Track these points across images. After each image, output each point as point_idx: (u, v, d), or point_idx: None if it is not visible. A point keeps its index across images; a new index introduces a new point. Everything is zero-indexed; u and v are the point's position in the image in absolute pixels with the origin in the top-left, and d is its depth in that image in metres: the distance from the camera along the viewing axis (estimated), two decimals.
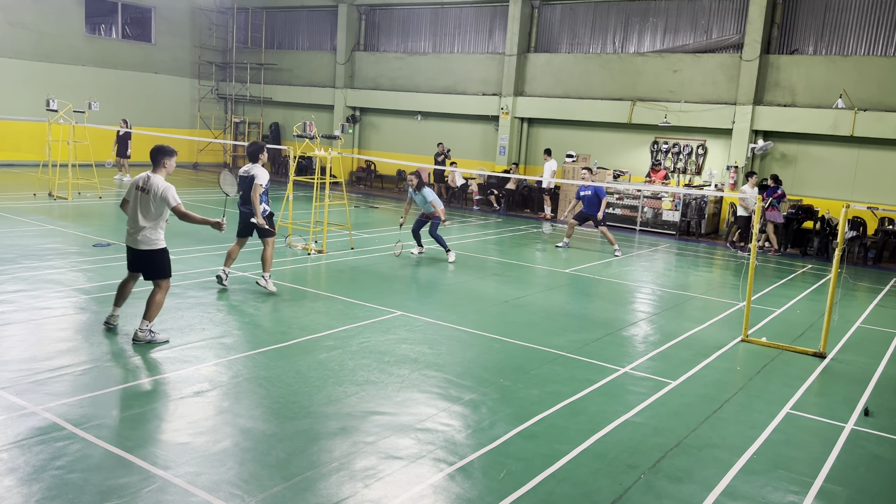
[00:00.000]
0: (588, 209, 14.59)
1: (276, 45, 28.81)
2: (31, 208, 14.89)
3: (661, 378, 7.08)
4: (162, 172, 7.12)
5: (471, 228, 17.29)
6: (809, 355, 8.22)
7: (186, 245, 12.04)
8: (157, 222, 7.04)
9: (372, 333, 7.89)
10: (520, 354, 7.56)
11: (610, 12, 21.24)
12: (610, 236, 14.61)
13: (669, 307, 10.33)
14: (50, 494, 4.22)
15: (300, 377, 6.43)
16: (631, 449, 5.40)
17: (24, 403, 5.43)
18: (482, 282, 11.19)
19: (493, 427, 5.62)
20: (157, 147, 7.21)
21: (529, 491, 4.66)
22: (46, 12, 23.88)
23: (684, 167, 19.91)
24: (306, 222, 14.08)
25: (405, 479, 4.70)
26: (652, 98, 19.96)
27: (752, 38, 18.35)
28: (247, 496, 4.37)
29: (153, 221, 7.00)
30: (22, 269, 9.60)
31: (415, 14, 25.22)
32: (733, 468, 5.22)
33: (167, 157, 7.16)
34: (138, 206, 6.99)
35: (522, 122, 22.72)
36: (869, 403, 6.77)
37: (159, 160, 7.13)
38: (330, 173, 12.88)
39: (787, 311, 10.53)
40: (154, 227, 7.03)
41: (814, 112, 17.73)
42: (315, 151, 12.59)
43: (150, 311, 7.04)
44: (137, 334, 7.00)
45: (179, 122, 28.20)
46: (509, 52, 22.23)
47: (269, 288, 9.33)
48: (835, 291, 8.22)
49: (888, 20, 17.36)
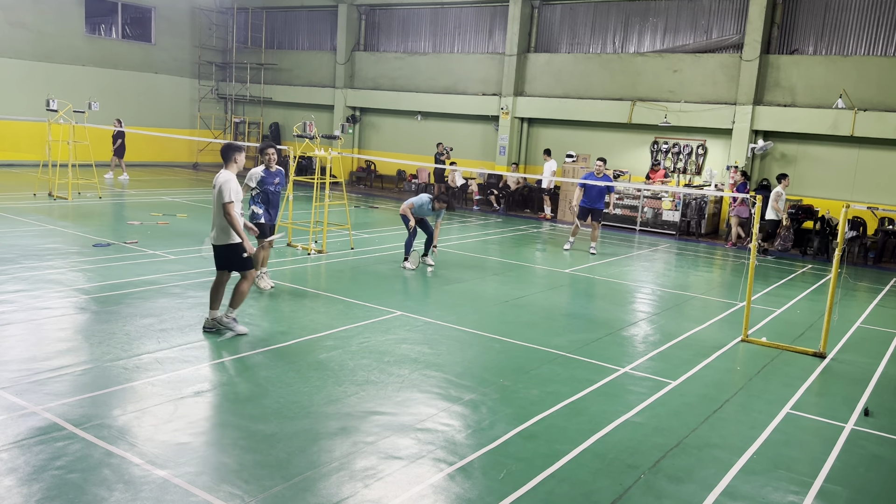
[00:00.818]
0: (591, 202, 14.10)
1: (276, 45, 28.81)
2: (31, 208, 14.89)
3: (661, 378, 7.08)
4: (232, 168, 7.36)
5: (471, 228, 17.29)
6: (809, 355, 8.22)
7: (187, 245, 12.05)
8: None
9: (372, 333, 7.89)
10: (520, 354, 7.56)
11: (610, 12, 21.24)
12: (596, 233, 14.39)
13: (669, 307, 10.33)
14: (50, 494, 4.22)
15: (300, 377, 6.43)
16: (631, 449, 5.40)
17: (24, 403, 5.43)
18: (482, 282, 11.18)
19: (493, 427, 5.62)
20: (226, 144, 7.44)
21: (529, 491, 4.66)
22: (46, 12, 23.88)
23: (684, 167, 19.92)
24: (306, 222, 14.08)
25: (405, 479, 4.70)
26: (652, 98, 19.96)
27: (752, 38, 18.35)
28: (247, 496, 4.37)
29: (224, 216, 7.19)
30: (22, 269, 9.60)
31: (415, 14, 25.22)
32: (733, 468, 5.22)
33: (236, 152, 7.36)
34: (214, 202, 7.27)
35: (522, 122, 22.72)
36: (869, 403, 6.77)
37: (229, 156, 7.35)
38: (330, 173, 12.88)
39: (787, 311, 10.53)
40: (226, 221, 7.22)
41: (814, 112, 17.73)
42: (315, 151, 12.59)
43: (235, 300, 7.42)
44: (222, 320, 7.39)
45: (179, 122, 28.21)
46: (509, 52, 22.23)
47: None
48: (835, 291, 8.22)
49: (888, 20, 17.36)
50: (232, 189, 7.12)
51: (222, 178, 7.15)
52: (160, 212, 15.57)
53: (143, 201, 17.36)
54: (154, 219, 14.61)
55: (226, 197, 7.07)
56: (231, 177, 7.23)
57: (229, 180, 7.15)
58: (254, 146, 15.22)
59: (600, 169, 14.16)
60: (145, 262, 10.66)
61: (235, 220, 7.12)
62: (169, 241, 12.38)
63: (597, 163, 14.37)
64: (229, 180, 7.15)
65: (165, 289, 9.16)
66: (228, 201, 7.08)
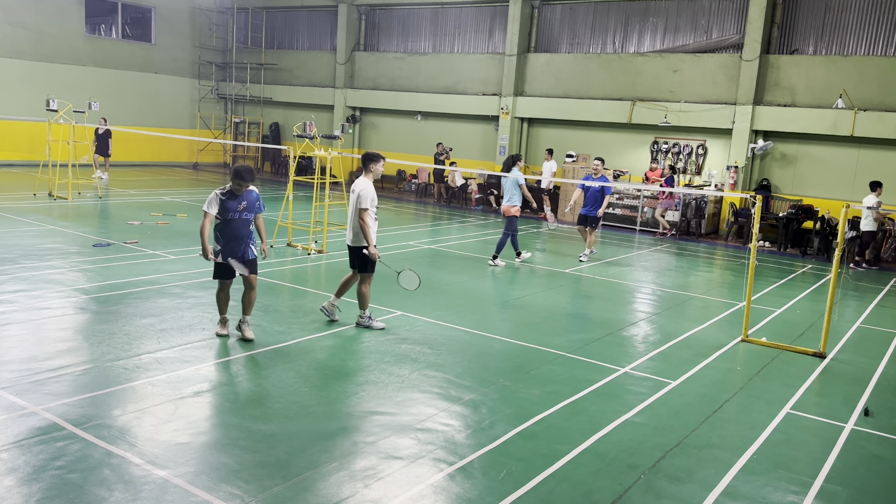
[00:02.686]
0: (587, 209, 13.60)
1: (276, 45, 28.81)
2: (31, 208, 14.89)
3: (661, 378, 7.07)
4: (369, 176, 7.89)
5: (471, 228, 17.28)
6: (809, 355, 8.22)
7: (187, 245, 12.05)
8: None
9: (372, 333, 7.89)
10: (520, 354, 7.56)
11: (610, 12, 21.24)
12: (592, 238, 13.72)
13: (669, 307, 10.33)
14: (50, 494, 4.22)
15: (300, 377, 6.43)
16: (631, 449, 5.40)
17: (24, 403, 5.43)
18: (482, 282, 11.18)
19: (493, 427, 5.61)
20: (366, 153, 8.00)
21: (529, 491, 4.66)
22: (46, 12, 23.88)
23: (684, 167, 19.91)
24: (306, 222, 14.08)
25: (405, 479, 4.70)
26: (652, 98, 19.96)
27: (752, 38, 18.35)
28: (247, 496, 4.37)
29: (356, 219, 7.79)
30: (22, 269, 9.60)
31: (415, 14, 25.21)
32: (733, 468, 5.22)
33: (373, 161, 7.93)
34: (351, 206, 7.85)
35: (522, 122, 22.72)
36: (869, 403, 6.77)
37: (366, 165, 7.92)
38: (330, 173, 12.88)
39: (787, 311, 10.53)
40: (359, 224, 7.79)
41: (814, 112, 17.73)
42: (315, 151, 12.59)
43: (361, 301, 8.01)
44: (360, 322, 8.06)
45: (179, 122, 28.21)
46: (509, 52, 22.23)
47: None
48: (835, 291, 8.22)
49: (888, 20, 17.36)
50: (368, 196, 7.71)
51: (360, 186, 7.72)
52: (160, 212, 15.57)
53: (143, 201, 17.36)
54: (154, 219, 14.61)
55: (362, 203, 7.67)
56: (368, 184, 7.78)
57: (367, 188, 7.73)
58: (252, 146, 15.20)
59: (598, 169, 13.47)
60: (145, 262, 10.66)
61: (367, 227, 7.71)
62: (169, 241, 12.38)
63: (594, 162, 13.71)
64: (367, 188, 7.73)
65: (165, 289, 9.16)
66: (364, 208, 7.67)
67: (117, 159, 23.75)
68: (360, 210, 7.68)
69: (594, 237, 13.95)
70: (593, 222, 13.71)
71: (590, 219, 13.67)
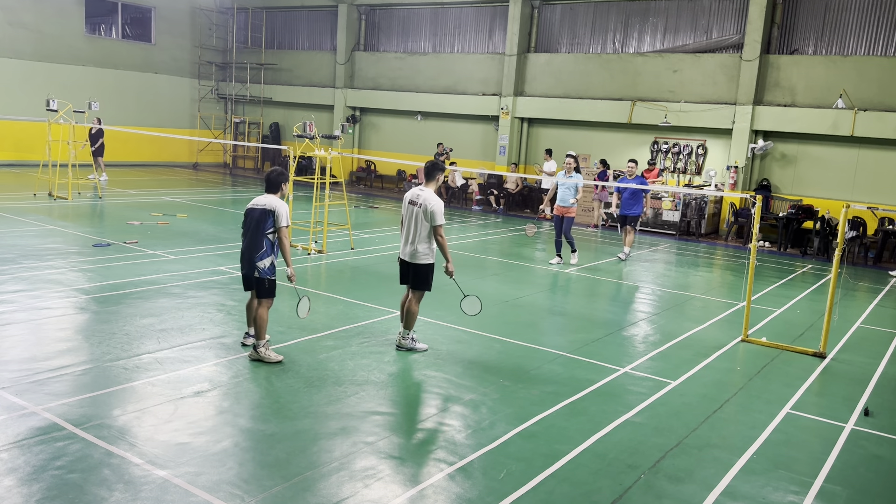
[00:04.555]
0: (626, 209, 13.78)
1: (276, 45, 28.81)
2: (31, 208, 14.89)
3: (661, 378, 7.07)
4: (432, 185, 7.27)
5: (471, 228, 17.29)
6: (809, 355, 8.22)
7: (187, 245, 12.05)
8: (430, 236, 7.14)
9: (372, 333, 7.89)
10: (520, 354, 7.56)
11: (610, 12, 21.24)
12: (631, 237, 13.85)
13: (669, 307, 10.33)
14: (50, 494, 4.22)
15: (300, 377, 6.43)
16: (631, 449, 5.40)
17: (24, 403, 5.43)
18: (482, 282, 11.18)
19: (493, 427, 5.61)
20: (431, 162, 7.41)
21: (529, 491, 4.66)
22: (46, 12, 23.88)
23: (684, 167, 19.91)
24: (306, 222, 14.08)
25: (405, 479, 4.70)
26: (652, 98, 19.96)
27: (752, 38, 18.35)
28: (247, 496, 4.37)
29: (426, 235, 7.11)
30: (22, 269, 9.60)
31: (415, 14, 25.22)
32: (733, 468, 5.22)
33: (440, 171, 7.35)
34: (412, 220, 7.15)
35: (522, 122, 22.72)
36: (869, 403, 6.77)
37: (433, 174, 7.30)
38: (330, 173, 12.88)
39: (787, 311, 10.53)
40: (427, 240, 7.13)
41: (814, 112, 17.73)
42: (315, 151, 12.59)
43: (408, 321, 7.32)
44: (401, 342, 7.36)
45: (179, 122, 28.21)
46: (509, 52, 22.23)
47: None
48: (835, 291, 8.22)
49: (888, 20, 17.36)
50: (442, 210, 7.09)
51: (433, 201, 7.04)
52: (160, 212, 15.57)
53: (143, 201, 17.36)
54: (154, 219, 14.61)
55: (438, 219, 7.02)
56: (438, 198, 7.16)
57: (440, 202, 7.09)
58: (252, 146, 15.20)
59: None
60: (145, 262, 10.65)
61: (445, 242, 7.14)
62: (169, 241, 12.38)
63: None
64: (440, 202, 7.09)
65: (165, 289, 9.16)
66: (441, 223, 7.05)
67: (118, 159, 23.80)
68: (436, 227, 7.03)
69: (632, 236, 14.09)
70: (632, 221, 13.97)
71: (629, 218, 13.94)
